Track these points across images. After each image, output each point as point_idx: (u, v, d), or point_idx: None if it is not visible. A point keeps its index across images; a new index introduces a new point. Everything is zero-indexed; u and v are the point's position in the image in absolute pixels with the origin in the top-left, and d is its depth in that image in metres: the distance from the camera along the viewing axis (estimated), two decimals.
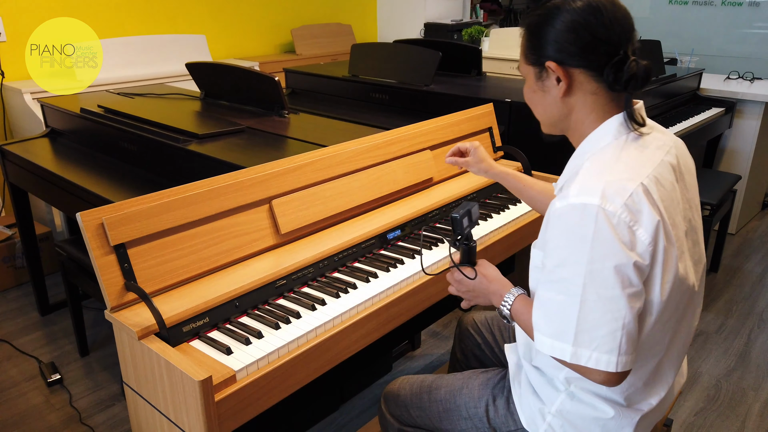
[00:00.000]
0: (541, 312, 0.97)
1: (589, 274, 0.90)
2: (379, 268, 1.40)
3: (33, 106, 2.82)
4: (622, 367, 0.91)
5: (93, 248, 1.12)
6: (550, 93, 1.04)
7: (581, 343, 0.92)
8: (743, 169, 3.42)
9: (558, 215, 0.94)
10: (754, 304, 2.75)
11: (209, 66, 2.41)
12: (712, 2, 4.20)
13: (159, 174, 1.88)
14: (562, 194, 0.95)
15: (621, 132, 1.01)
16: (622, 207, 0.90)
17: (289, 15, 4.52)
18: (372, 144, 1.63)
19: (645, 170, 0.96)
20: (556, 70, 1.00)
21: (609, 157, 0.98)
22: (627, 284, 0.90)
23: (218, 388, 1.02)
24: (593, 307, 0.90)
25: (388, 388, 1.38)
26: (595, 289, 0.90)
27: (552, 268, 0.95)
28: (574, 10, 0.97)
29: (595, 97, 1.01)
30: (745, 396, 2.14)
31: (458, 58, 3.00)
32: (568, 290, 0.92)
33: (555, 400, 1.10)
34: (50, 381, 2.17)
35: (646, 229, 0.91)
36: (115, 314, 1.13)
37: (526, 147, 2.05)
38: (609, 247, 0.89)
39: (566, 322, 0.93)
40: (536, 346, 0.99)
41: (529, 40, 1.04)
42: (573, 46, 0.98)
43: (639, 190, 0.92)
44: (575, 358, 0.92)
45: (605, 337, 0.90)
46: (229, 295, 1.21)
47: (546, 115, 1.08)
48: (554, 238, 0.95)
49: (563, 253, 0.93)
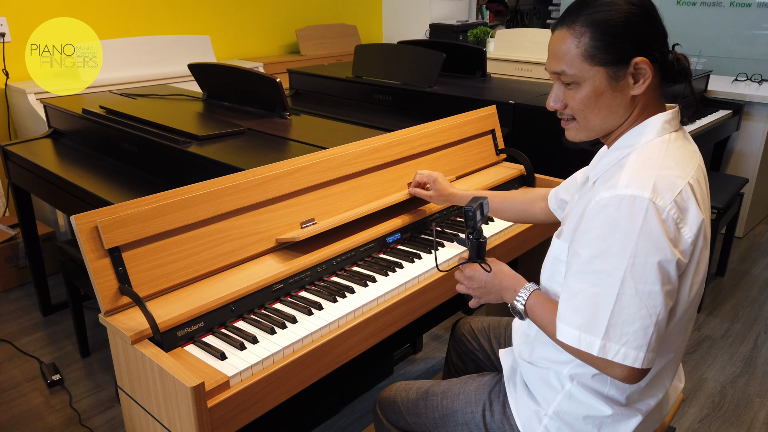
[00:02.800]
0: (571, 303, 0.95)
1: (631, 267, 0.89)
2: (378, 272, 1.39)
3: (37, 106, 2.83)
4: (647, 363, 0.91)
5: (87, 251, 1.11)
6: (622, 93, 0.99)
7: (612, 337, 0.91)
8: (750, 172, 3.38)
9: (604, 205, 0.92)
10: (761, 309, 2.72)
11: (211, 67, 2.40)
12: (721, 3, 4.16)
13: (160, 176, 1.87)
14: (609, 184, 0.93)
15: (665, 130, 1.00)
16: (671, 203, 0.90)
17: (294, 15, 4.51)
18: (373, 146, 1.62)
19: (690, 169, 0.97)
20: (647, 67, 0.96)
21: (656, 151, 0.97)
22: (666, 281, 0.90)
23: (211, 394, 1.01)
24: (630, 301, 0.89)
25: (383, 394, 1.36)
26: (634, 283, 0.89)
27: (589, 259, 0.93)
28: (644, 4, 0.96)
29: (655, 92, 1.01)
30: (751, 403, 2.11)
31: (462, 59, 2.98)
32: (604, 282, 0.91)
33: (552, 401, 1.09)
34: (51, 382, 2.17)
35: (690, 228, 0.92)
36: (109, 318, 1.12)
37: (528, 149, 2.03)
38: (655, 242, 0.88)
39: (598, 315, 0.91)
40: (559, 336, 0.97)
41: (599, 39, 0.95)
42: (655, 38, 0.96)
43: (688, 188, 0.93)
44: (603, 352, 0.91)
45: (637, 332, 0.90)
46: (225, 299, 1.20)
47: (609, 118, 1.01)
48: (595, 228, 0.93)
49: (605, 244, 0.91)
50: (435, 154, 1.80)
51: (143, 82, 3.15)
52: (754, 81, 3.57)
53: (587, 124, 1.03)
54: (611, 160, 1.02)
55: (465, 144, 1.91)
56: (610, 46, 0.95)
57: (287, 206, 1.42)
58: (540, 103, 2.36)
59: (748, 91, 3.33)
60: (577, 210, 1.03)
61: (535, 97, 2.44)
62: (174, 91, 2.59)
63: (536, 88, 2.69)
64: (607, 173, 1.00)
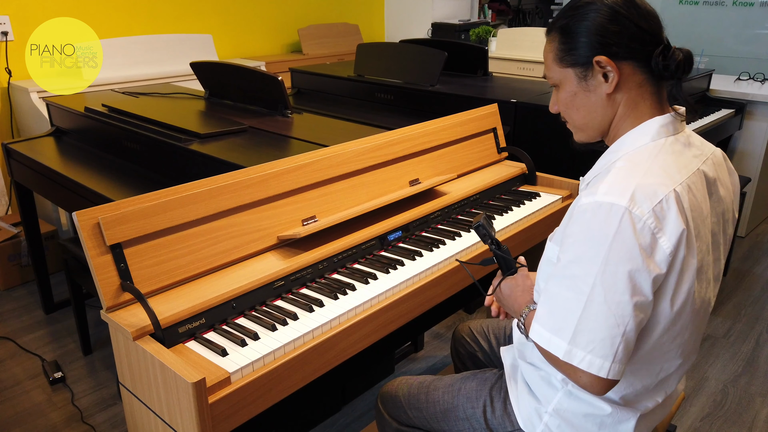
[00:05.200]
0: (547, 305, 0.96)
1: (601, 275, 0.88)
2: (379, 270, 1.39)
3: (39, 105, 2.83)
4: (613, 374, 0.89)
5: (89, 248, 1.11)
6: (595, 92, 1.01)
7: (578, 343, 0.90)
8: (753, 171, 3.37)
9: (582, 210, 0.92)
10: (763, 308, 2.71)
11: (213, 65, 2.40)
12: (723, 2, 4.15)
13: (162, 174, 1.88)
14: (591, 190, 0.93)
15: (660, 134, 0.99)
16: (649, 212, 0.88)
17: (296, 15, 4.51)
18: (374, 144, 1.62)
19: (679, 176, 0.94)
20: (608, 64, 0.98)
21: (645, 157, 0.96)
22: (637, 292, 0.88)
23: (212, 390, 1.01)
24: (598, 309, 0.89)
25: (385, 389, 1.37)
26: (603, 290, 0.88)
27: (566, 263, 0.93)
28: (609, 4, 0.97)
29: (641, 89, 1.00)
30: (753, 402, 2.11)
31: (464, 58, 2.98)
32: (576, 287, 0.91)
33: (552, 399, 1.09)
34: (53, 379, 2.17)
35: (669, 238, 0.89)
36: (110, 314, 1.13)
37: (530, 148, 2.03)
38: (627, 251, 0.87)
39: (567, 319, 0.91)
40: (532, 335, 0.98)
41: (563, 42, 1.02)
42: (620, 38, 0.97)
43: (671, 197, 0.90)
44: (568, 357, 0.91)
45: (604, 341, 0.89)
46: (226, 295, 1.20)
47: (589, 118, 1.05)
48: (574, 234, 0.93)
49: (580, 249, 0.91)
50: (436, 153, 1.80)
51: (146, 81, 3.15)
52: (756, 80, 3.57)
53: (574, 124, 1.08)
54: (603, 164, 1.03)
55: (466, 142, 1.91)
56: (572, 47, 1.01)
57: (289, 203, 1.42)
58: (541, 101, 2.36)
59: (750, 90, 3.32)
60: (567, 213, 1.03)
61: (537, 96, 2.44)
62: (176, 90, 2.60)
63: (538, 87, 2.69)
64: (597, 177, 1.00)
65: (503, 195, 1.86)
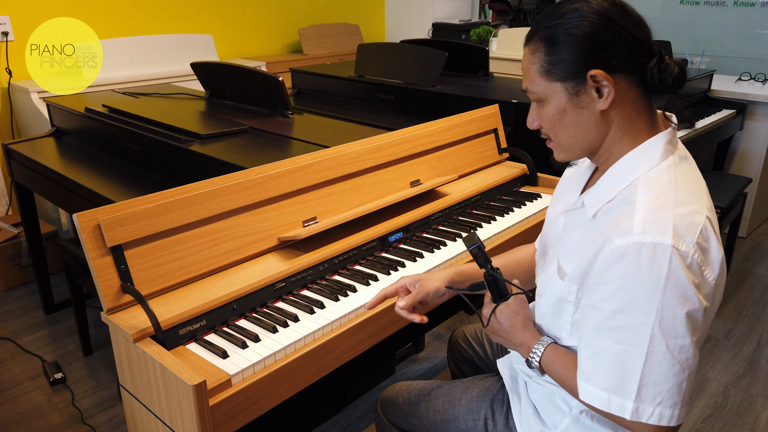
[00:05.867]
0: (595, 361, 0.88)
1: (659, 323, 0.81)
2: (380, 271, 1.39)
3: (40, 105, 2.83)
4: (681, 419, 0.85)
5: (89, 249, 1.11)
6: (587, 109, 0.92)
7: (645, 399, 0.84)
8: (754, 171, 3.37)
9: (621, 254, 0.83)
10: (765, 308, 2.71)
11: (214, 66, 2.40)
12: (724, 2, 4.15)
13: (162, 174, 1.87)
14: (622, 229, 0.84)
15: (668, 152, 0.92)
16: (694, 246, 0.82)
17: (297, 15, 4.51)
18: (375, 145, 1.62)
19: (704, 198, 0.89)
20: (604, 78, 0.88)
21: (665, 182, 0.88)
22: (696, 329, 0.83)
23: (213, 393, 1.01)
24: (661, 359, 0.82)
25: (384, 394, 1.36)
26: (664, 338, 0.82)
27: (611, 314, 0.85)
28: (600, 10, 0.88)
29: (636, 105, 0.92)
30: (754, 403, 2.10)
31: (465, 58, 2.98)
32: (631, 339, 0.83)
33: (559, 424, 1.06)
34: (53, 380, 2.17)
35: (713, 270, 0.85)
36: (111, 316, 1.12)
37: (531, 149, 2.03)
38: (683, 292, 0.81)
39: (628, 375, 0.84)
40: (583, 397, 0.90)
41: (550, 53, 0.91)
42: (614, 48, 0.88)
43: (708, 224, 0.85)
44: (636, 415, 0.84)
45: (671, 390, 0.83)
46: (227, 297, 1.20)
47: (579, 137, 0.95)
48: (615, 280, 0.84)
49: (627, 297, 0.83)
50: (437, 153, 1.80)
51: (146, 81, 3.15)
52: (757, 80, 3.56)
53: (560, 143, 0.98)
54: (612, 190, 0.93)
55: (467, 143, 1.91)
56: (562, 59, 0.90)
57: (289, 205, 1.42)
58: None
59: (751, 90, 3.32)
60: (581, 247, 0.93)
61: None
62: (177, 90, 2.59)
63: None
64: (614, 208, 0.90)
65: (504, 196, 1.85)
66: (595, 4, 0.89)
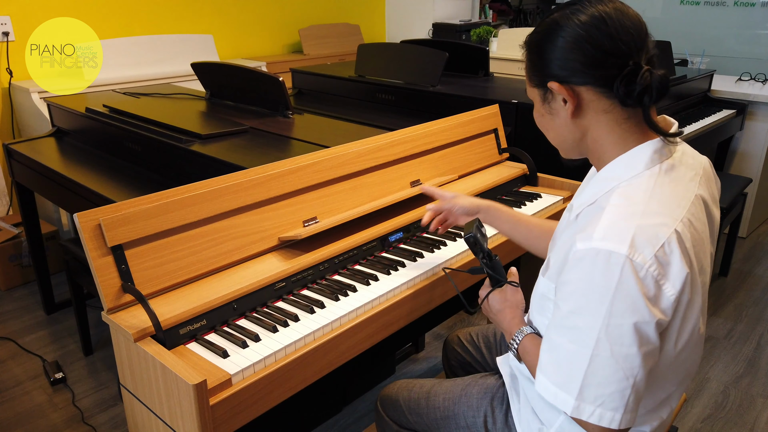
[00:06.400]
0: (551, 356, 0.91)
1: (606, 329, 0.83)
2: (380, 271, 1.39)
3: (40, 105, 2.83)
4: (625, 424, 0.86)
5: (90, 249, 1.11)
6: (558, 115, 0.97)
7: (586, 398, 0.86)
8: (754, 172, 3.37)
9: (579, 258, 0.85)
10: (765, 309, 2.71)
11: (214, 66, 2.40)
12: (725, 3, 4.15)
13: (163, 174, 1.88)
14: (586, 234, 0.86)
15: (654, 161, 0.91)
16: (651, 259, 0.82)
17: (297, 15, 4.51)
18: (375, 145, 1.62)
19: (680, 210, 0.88)
20: (560, 91, 0.92)
21: (641, 191, 0.88)
22: (645, 342, 0.83)
23: (213, 392, 1.01)
24: (605, 363, 0.84)
25: (385, 392, 1.36)
26: (609, 344, 0.83)
27: (566, 313, 0.88)
28: (576, 24, 0.90)
29: (610, 115, 0.92)
30: (754, 403, 2.10)
31: (465, 58, 2.98)
32: (580, 340, 0.85)
33: (554, 422, 1.06)
34: (53, 380, 2.17)
35: (673, 284, 0.84)
36: (111, 316, 1.13)
37: (531, 149, 2.03)
38: (631, 303, 0.82)
39: (573, 373, 0.87)
40: (537, 388, 0.94)
41: (530, 60, 0.98)
42: (576, 63, 0.90)
43: (673, 238, 0.84)
44: (577, 412, 0.87)
45: (613, 395, 0.85)
46: (227, 297, 1.20)
47: (560, 140, 1.01)
48: (572, 282, 0.87)
49: (581, 300, 0.85)
50: (437, 154, 1.80)
51: (147, 81, 3.15)
52: (758, 81, 3.56)
53: (551, 142, 1.04)
54: (594, 193, 0.95)
55: (467, 143, 1.91)
56: (534, 68, 0.97)
57: (289, 205, 1.42)
58: None
59: (751, 90, 3.32)
60: (562, 247, 0.96)
61: None
62: (177, 90, 2.59)
63: None
64: (589, 213, 0.93)
65: (504, 196, 1.86)
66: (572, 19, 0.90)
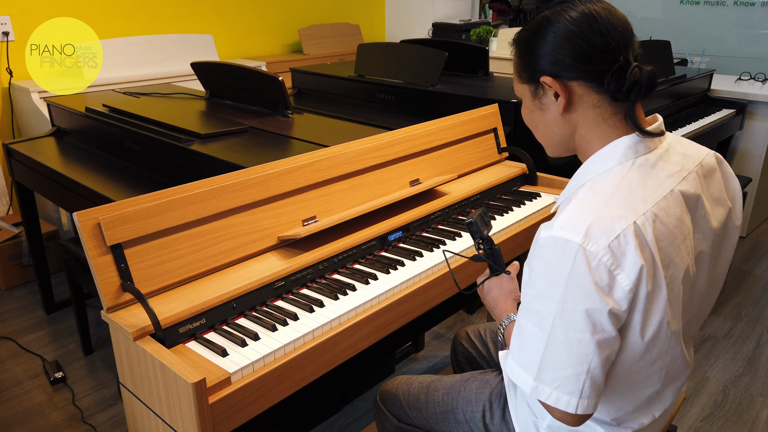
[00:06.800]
0: (517, 338, 0.94)
1: (560, 314, 0.85)
2: (380, 270, 1.39)
3: (40, 105, 2.84)
4: (582, 409, 0.87)
5: (89, 248, 1.11)
6: (549, 111, 0.98)
7: (543, 380, 0.89)
8: (754, 171, 3.37)
9: (541, 245, 0.89)
10: (764, 308, 2.71)
11: (214, 66, 2.41)
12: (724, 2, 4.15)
13: (163, 174, 1.88)
14: (549, 223, 0.90)
15: (628, 156, 0.93)
16: (605, 249, 0.83)
17: (297, 15, 4.52)
18: (375, 144, 1.62)
19: (644, 205, 0.88)
20: (553, 85, 0.94)
21: (606, 186, 0.90)
22: (598, 329, 0.85)
23: (213, 390, 1.01)
24: (560, 347, 0.86)
25: (384, 387, 1.37)
26: (563, 329, 0.85)
27: (530, 298, 0.91)
28: (567, 20, 0.92)
29: (598, 110, 0.95)
30: (753, 402, 2.11)
31: (465, 58, 2.98)
32: (539, 324, 0.88)
33: (546, 416, 1.07)
34: (53, 379, 2.17)
35: (627, 275, 0.85)
36: (111, 315, 1.13)
37: (531, 148, 2.03)
38: (584, 290, 0.84)
39: (533, 355, 0.90)
40: (506, 369, 0.97)
41: (520, 57, 1.00)
42: (568, 57, 0.92)
43: (629, 231, 0.85)
44: (535, 393, 0.89)
45: (568, 378, 0.87)
46: (227, 296, 1.20)
47: (548, 136, 1.02)
48: (535, 269, 0.90)
49: (540, 285, 0.88)
50: (437, 153, 1.80)
51: (146, 81, 3.15)
52: (757, 80, 3.56)
53: (539, 140, 1.06)
54: (571, 187, 0.99)
55: (467, 142, 1.91)
56: (524, 64, 0.99)
57: (289, 204, 1.42)
58: None
59: (751, 90, 3.32)
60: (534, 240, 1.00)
61: None
62: (177, 90, 2.60)
63: None
64: (563, 204, 0.96)
65: (504, 195, 1.86)
66: (563, 16, 0.93)
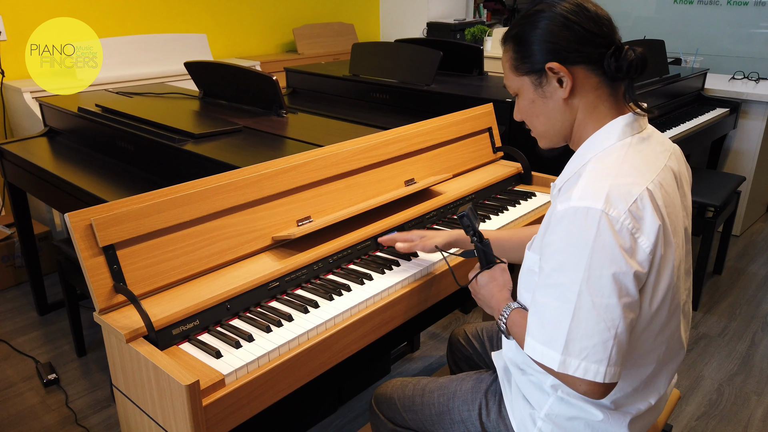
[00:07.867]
0: (536, 317, 0.96)
1: (586, 281, 0.88)
2: (375, 270, 1.38)
3: (33, 105, 2.82)
4: (609, 378, 0.89)
5: (81, 249, 1.10)
6: (552, 99, 1.02)
7: (571, 352, 0.90)
8: (748, 170, 3.38)
9: (559, 218, 0.92)
10: (758, 306, 2.72)
11: (207, 65, 2.39)
12: (718, 2, 4.17)
13: (156, 174, 1.87)
14: (565, 196, 0.93)
15: (626, 133, 1.00)
16: (625, 213, 0.88)
17: (291, 14, 4.50)
18: (369, 144, 1.61)
19: (651, 174, 0.95)
20: (560, 70, 0.98)
21: (614, 158, 0.96)
22: (624, 293, 0.88)
23: (206, 393, 1.00)
24: (587, 315, 0.88)
25: (379, 390, 1.36)
26: (591, 296, 0.88)
27: (549, 272, 0.93)
28: (561, 9, 0.98)
29: (598, 92, 1.00)
30: (748, 401, 2.11)
31: (460, 57, 2.98)
32: (563, 296, 0.90)
33: (544, 405, 1.09)
34: (47, 381, 2.16)
35: (647, 237, 0.90)
36: (103, 316, 1.12)
37: (526, 148, 2.03)
38: (609, 254, 0.87)
39: (558, 329, 0.91)
40: (526, 350, 0.97)
41: (517, 51, 1.03)
42: (570, 43, 0.98)
43: (645, 195, 0.91)
44: (563, 367, 0.91)
45: (596, 347, 0.89)
46: (221, 297, 1.19)
47: (549, 124, 1.06)
48: (554, 242, 0.93)
49: (562, 257, 0.91)
50: (431, 152, 1.80)
51: (140, 81, 3.14)
52: (751, 79, 3.58)
53: (537, 131, 1.09)
54: (572, 169, 1.03)
55: (462, 142, 1.91)
56: (525, 55, 1.02)
57: (283, 204, 1.41)
58: None
59: (745, 89, 3.33)
60: (544, 221, 1.03)
61: None
62: (170, 90, 2.58)
63: None
64: (569, 182, 1.00)
65: (499, 195, 1.85)
66: (556, 6, 0.99)
